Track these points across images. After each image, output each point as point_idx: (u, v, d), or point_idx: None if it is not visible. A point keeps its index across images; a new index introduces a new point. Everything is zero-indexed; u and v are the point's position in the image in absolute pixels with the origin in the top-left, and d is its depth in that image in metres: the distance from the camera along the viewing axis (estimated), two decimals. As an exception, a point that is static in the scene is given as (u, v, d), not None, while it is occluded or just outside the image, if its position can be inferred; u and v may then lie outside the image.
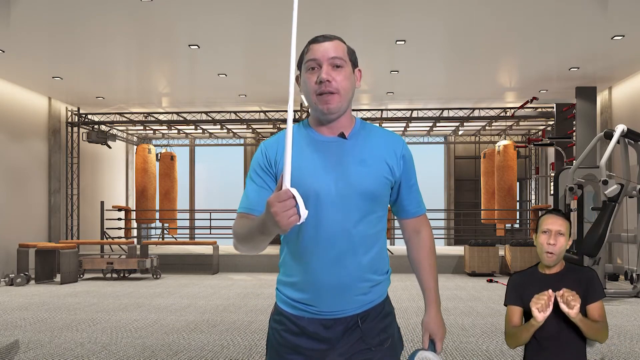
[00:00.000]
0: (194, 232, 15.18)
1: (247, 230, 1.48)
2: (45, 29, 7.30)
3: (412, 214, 1.76)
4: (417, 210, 1.76)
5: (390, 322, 1.68)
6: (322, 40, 1.60)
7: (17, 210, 10.46)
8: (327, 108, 1.57)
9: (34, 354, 4.65)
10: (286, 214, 1.21)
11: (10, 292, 8.35)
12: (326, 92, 1.55)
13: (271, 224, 1.25)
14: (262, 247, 1.51)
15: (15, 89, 10.45)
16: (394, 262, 10.49)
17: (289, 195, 1.21)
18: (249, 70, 9.57)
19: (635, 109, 9.64)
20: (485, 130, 14.15)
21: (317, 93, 1.57)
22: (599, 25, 7.17)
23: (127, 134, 15.03)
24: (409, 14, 6.87)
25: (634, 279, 7.71)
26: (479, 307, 6.82)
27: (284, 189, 1.22)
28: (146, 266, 9.64)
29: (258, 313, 6.46)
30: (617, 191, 7.13)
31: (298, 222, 1.23)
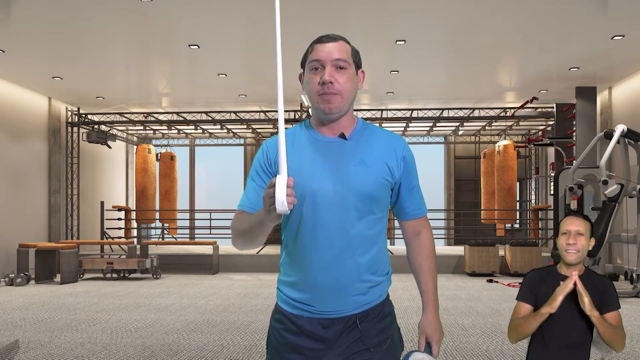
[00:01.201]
0: (194, 232, 15.18)
1: (245, 224, 1.54)
2: (45, 29, 7.30)
3: (412, 216, 1.75)
4: (417, 212, 1.76)
5: (390, 322, 1.68)
6: (327, 40, 1.59)
7: (17, 210, 10.46)
8: (328, 108, 1.57)
9: (34, 354, 4.65)
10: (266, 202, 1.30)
11: (10, 292, 8.35)
12: (329, 93, 1.56)
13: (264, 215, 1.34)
14: (259, 242, 1.54)
15: (15, 89, 10.45)
16: (394, 262, 10.49)
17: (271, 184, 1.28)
18: (249, 70, 9.57)
19: (635, 109, 9.64)
20: (485, 130, 14.15)
21: (319, 93, 1.57)
22: (599, 25, 7.17)
23: (127, 134, 15.03)
24: (409, 14, 6.87)
25: (634, 279, 7.71)
26: (479, 307, 6.82)
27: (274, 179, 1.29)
28: (146, 266, 9.64)
29: (258, 313, 6.46)
30: (617, 191, 7.13)
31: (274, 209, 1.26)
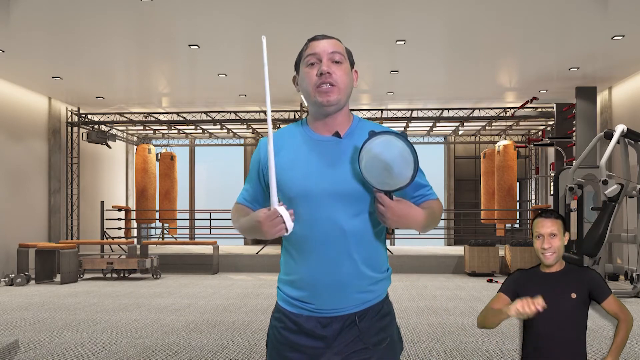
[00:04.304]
0: (194, 232, 15.17)
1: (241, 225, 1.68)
2: (45, 29, 7.30)
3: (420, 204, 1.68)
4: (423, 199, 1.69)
5: (389, 322, 1.68)
6: (321, 38, 1.64)
7: (17, 210, 10.46)
8: (327, 100, 1.58)
9: (34, 354, 4.65)
10: (274, 230, 1.48)
11: (10, 292, 8.35)
12: (326, 83, 1.57)
13: (260, 234, 1.52)
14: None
15: (15, 89, 10.45)
16: (394, 262, 10.49)
17: (276, 214, 1.47)
18: (249, 70, 9.57)
19: (635, 109, 9.64)
20: (485, 130, 14.15)
21: (316, 85, 1.59)
22: (599, 25, 7.17)
23: (127, 134, 15.03)
24: (409, 14, 6.87)
25: (634, 279, 7.71)
26: (479, 307, 6.82)
27: (273, 210, 1.47)
28: (146, 266, 9.64)
29: (258, 313, 6.46)
30: (617, 191, 7.13)
31: (286, 233, 1.49)
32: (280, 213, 1.46)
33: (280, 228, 1.47)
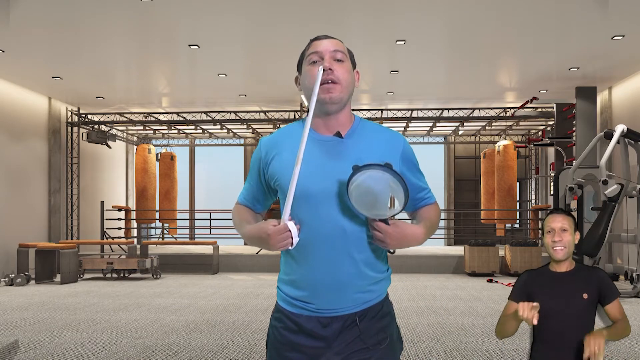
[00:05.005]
0: (194, 232, 15.17)
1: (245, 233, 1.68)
2: (45, 29, 7.30)
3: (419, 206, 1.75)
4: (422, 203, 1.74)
5: (389, 322, 1.68)
6: (324, 37, 1.66)
7: (17, 210, 10.46)
8: (329, 97, 1.59)
9: (34, 354, 4.65)
10: (280, 245, 1.52)
11: (10, 292, 8.35)
12: (329, 80, 1.59)
13: (266, 246, 1.56)
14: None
15: (15, 89, 10.45)
16: (394, 262, 10.49)
17: (286, 229, 1.49)
18: (249, 70, 9.57)
19: (635, 109, 9.64)
20: (485, 130, 14.15)
21: (319, 83, 1.59)
22: (599, 25, 7.17)
23: (127, 134, 15.03)
24: (409, 14, 6.87)
25: (634, 279, 7.71)
26: (479, 307, 6.82)
27: (283, 225, 1.50)
28: (146, 266, 9.64)
29: (258, 313, 6.46)
30: (617, 191, 7.13)
31: (290, 247, 1.52)
32: (290, 228, 1.50)
33: (286, 243, 1.51)
